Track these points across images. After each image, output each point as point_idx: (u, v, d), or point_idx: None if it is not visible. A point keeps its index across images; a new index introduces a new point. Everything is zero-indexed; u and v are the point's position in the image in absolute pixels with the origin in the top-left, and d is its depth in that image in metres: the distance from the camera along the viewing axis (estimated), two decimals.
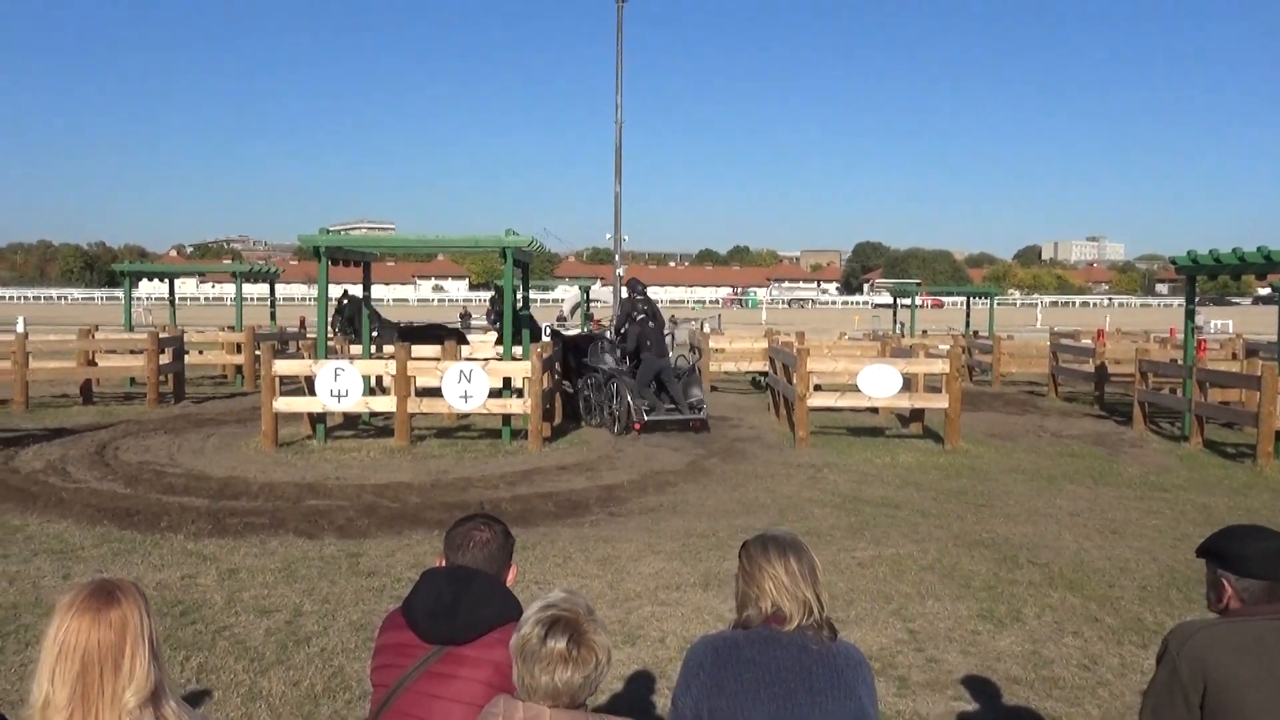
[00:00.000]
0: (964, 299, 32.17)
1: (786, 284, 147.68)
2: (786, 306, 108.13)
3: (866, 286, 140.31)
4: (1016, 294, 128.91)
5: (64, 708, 1.88)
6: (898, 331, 27.03)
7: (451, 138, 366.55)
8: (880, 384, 13.76)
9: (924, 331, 27.68)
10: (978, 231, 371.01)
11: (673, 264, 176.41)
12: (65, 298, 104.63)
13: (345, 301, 22.23)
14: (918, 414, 15.13)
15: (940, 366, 14.23)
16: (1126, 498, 10.69)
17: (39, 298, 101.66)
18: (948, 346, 18.14)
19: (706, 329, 27.83)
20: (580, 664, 1.91)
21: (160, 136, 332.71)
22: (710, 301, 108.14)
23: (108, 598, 1.99)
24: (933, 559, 8.10)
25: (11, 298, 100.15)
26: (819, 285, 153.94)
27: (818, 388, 14.42)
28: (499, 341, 18.12)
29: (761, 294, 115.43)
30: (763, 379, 20.98)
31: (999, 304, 34.71)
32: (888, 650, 6.06)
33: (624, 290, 18.11)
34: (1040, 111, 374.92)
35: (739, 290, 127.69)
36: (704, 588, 7.34)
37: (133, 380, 19.56)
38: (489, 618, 2.41)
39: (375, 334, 19.01)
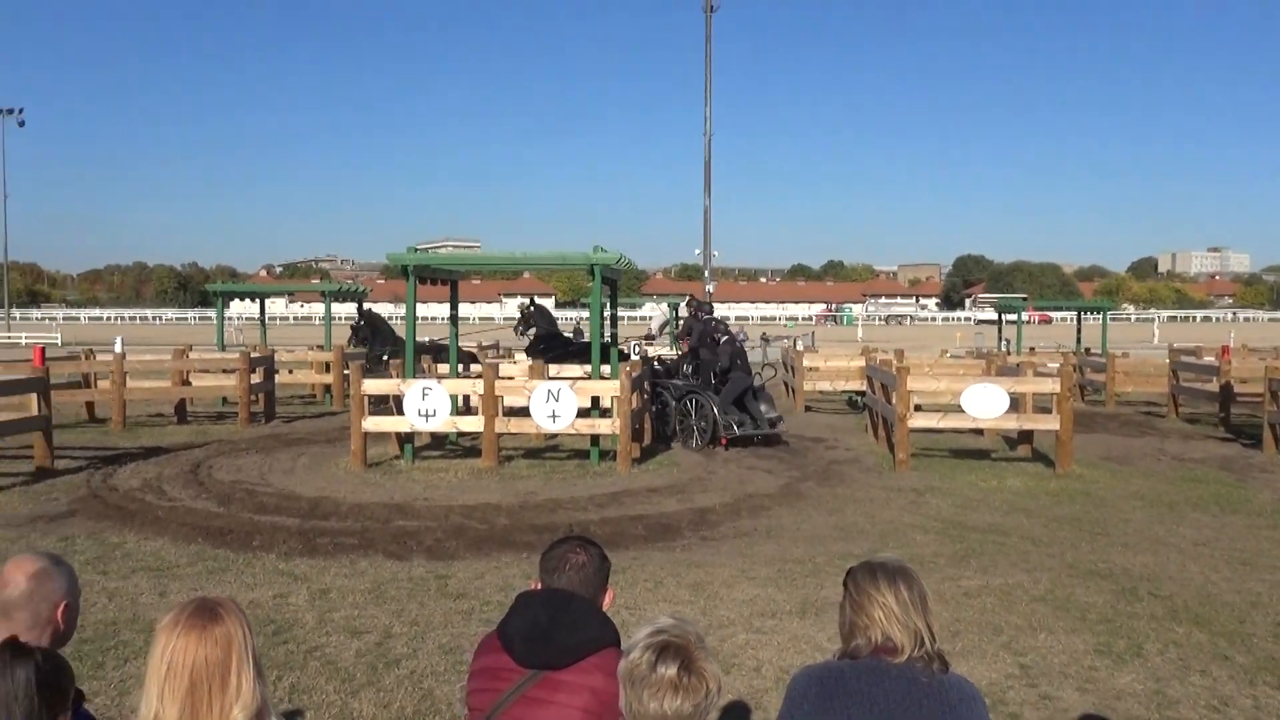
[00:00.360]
0: (1074, 314, 31.33)
1: (883, 299, 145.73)
2: (883, 323, 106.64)
3: (968, 302, 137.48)
4: (1131, 309, 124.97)
5: None
6: (1003, 349, 26.43)
7: (536, 155, 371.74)
8: (986, 404, 13.46)
9: (1031, 349, 26.99)
10: (1088, 243, 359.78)
11: (763, 280, 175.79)
12: (160, 318, 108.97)
13: (362, 322, 22.84)
14: (1026, 436, 14.76)
15: (1050, 386, 13.87)
16: (1257, 526, 10.24)
17: (135, 318, 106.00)
18: (1058, 364, 17.68)
19: (799, 346, 27.63)
20: (690, 692, 1.90)
21: (249, 158, 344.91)
22: (803, 318, 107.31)
23: (211, 615, 2.06)
24: (1045, 589, 7.87)
25: (109, 318, 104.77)
26: (917, 301, 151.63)
27: (918, 408, 14.18)
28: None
29: (857, 310, 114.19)
30: (859, 398, 20.71)
31: (1112, 319, 33.62)
32: (998, 685, 5.90)
33: (686, 309, 18.35)
34: (1155, 113, 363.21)
35: (833, 307, 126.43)
36: (801, 615, 7.26)
37: (225, 399, 20.25)
38: (586, 643, 2.42)
39: (385, 355, 19.47)
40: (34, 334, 65.56)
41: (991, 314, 43.31)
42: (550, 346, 19.40)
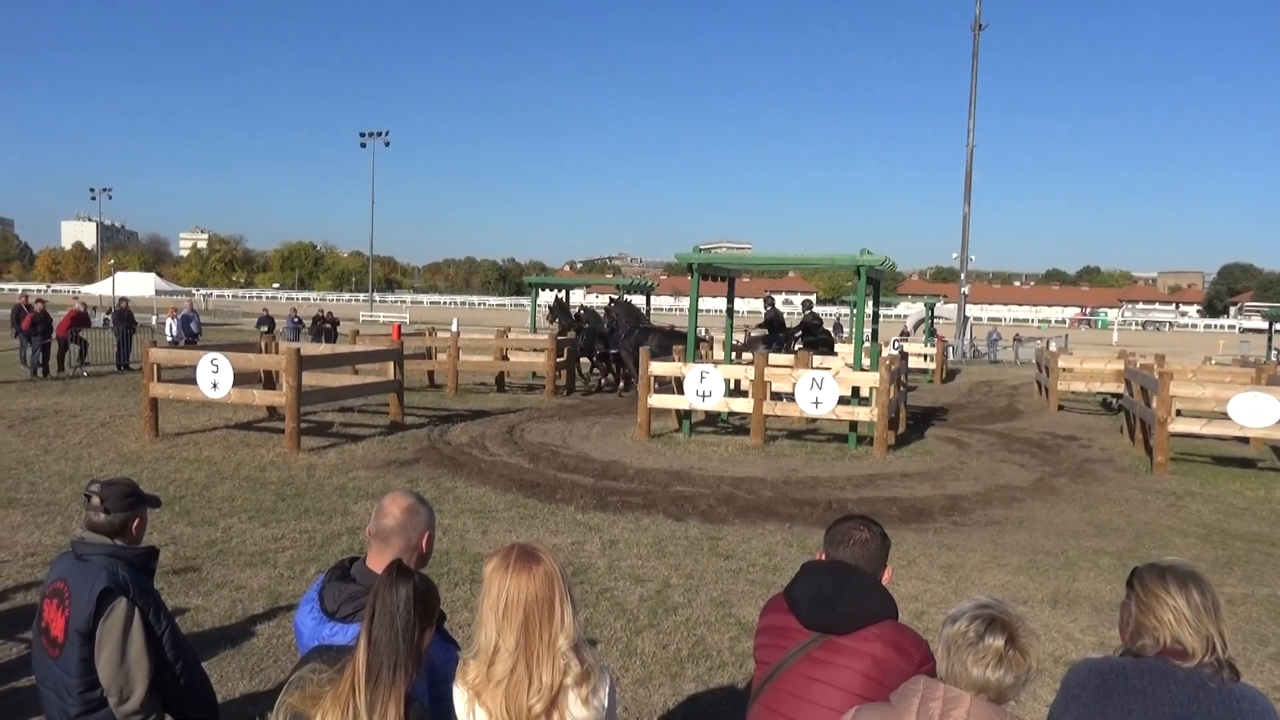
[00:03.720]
0: None
1: (1141, 305, 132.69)
2: (1140, 328, 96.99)
3: (1233, 310, 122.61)
4: None
5: (511, 652, 2.06)
6: (1273, 358, 23.39)
7: (803, 162, 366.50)
8: (1255, 413, 11.93)
9: None
10: None
11: (1017, 284, 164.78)
12: (484, 304, 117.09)
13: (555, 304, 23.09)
14: None
15: None
16: None
17: (465, 303, 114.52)
18: None
19: (1053, 348, 25.71)
20: (1013, 665, 1.82)
21: (560, 169, 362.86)
22: (1056, 321, 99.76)
23: (534, 557, 2.15)
24: None
25: (445, 303, 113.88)
26: (1177, 308, 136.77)
27: (1179, 413, 12.79)
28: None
29: (1113, 315, 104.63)
30: (1114, 400, 19.02)
31: None
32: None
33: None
34: None
35: (1087, 310, 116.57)
36: (1053, 605, 6.74)
37: (534, 374, 21.43)
38: (868, 613, 2.33)
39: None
40: (389, 314, 72.40)
41: (1259, 323, 38.36)
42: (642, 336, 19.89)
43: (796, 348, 17.63)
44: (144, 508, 3.09)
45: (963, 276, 42.49)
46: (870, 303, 14.39)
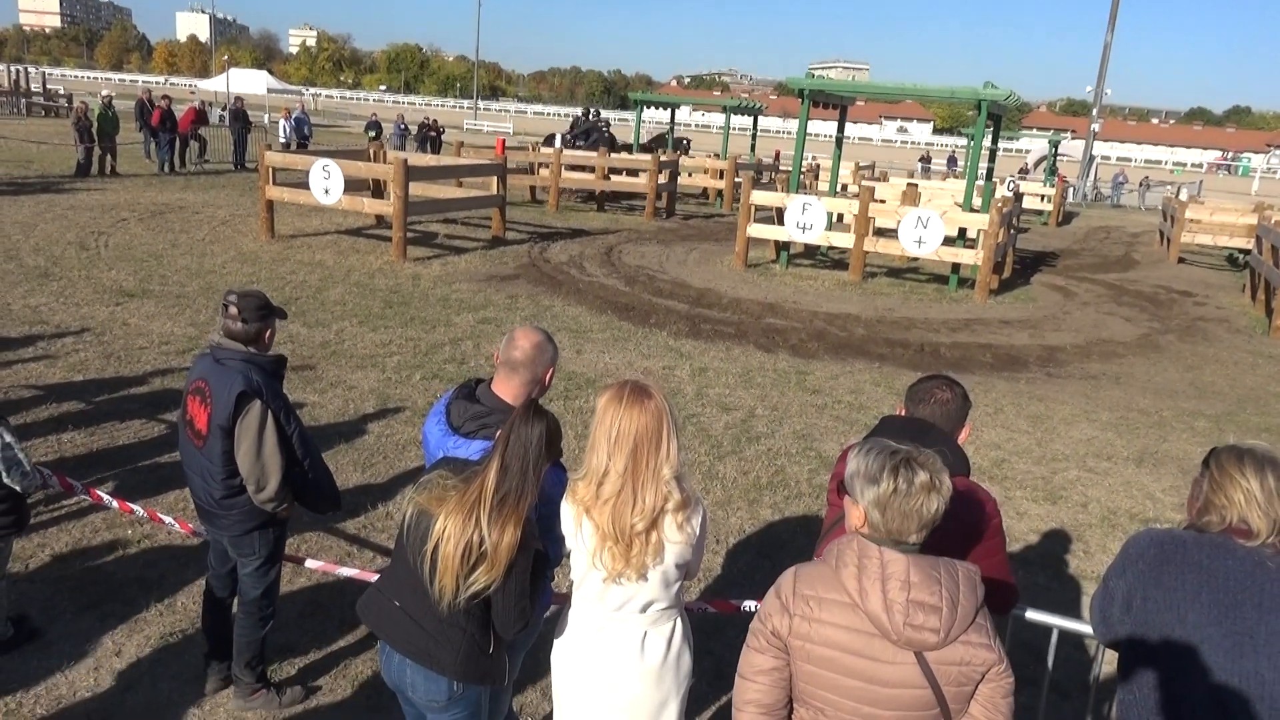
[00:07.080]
0: None
1: None
2: None
3: None
4: None
5: (620, 474, 2.27)
6: None
7: None
8: None
9: None
10: None
11: (1155, 121, 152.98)
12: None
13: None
14: None
15: None
16: None
17: (568, 116, 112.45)
18: None
19: (1183, 195, 24.21)
20: (941, 491, 1.89)
21: None
22: (1192, 165, 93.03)
23: (645, 393, 2.32)
24: None
25: (550, 114, 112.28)
26: None
27: None
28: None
29: (1257, 161, 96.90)
30: (1241, 256, 18.03)
31: None
32: None
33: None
34: None
35: (1228, 155, 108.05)
36: (1138, 463, 6.74)
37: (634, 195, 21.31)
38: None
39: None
40: (493, 124, 71.91)
41: None
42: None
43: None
44: (274, 319, 3.35)
45: (1094, 112, 39.73)
46: (988, 139, 13.73)
